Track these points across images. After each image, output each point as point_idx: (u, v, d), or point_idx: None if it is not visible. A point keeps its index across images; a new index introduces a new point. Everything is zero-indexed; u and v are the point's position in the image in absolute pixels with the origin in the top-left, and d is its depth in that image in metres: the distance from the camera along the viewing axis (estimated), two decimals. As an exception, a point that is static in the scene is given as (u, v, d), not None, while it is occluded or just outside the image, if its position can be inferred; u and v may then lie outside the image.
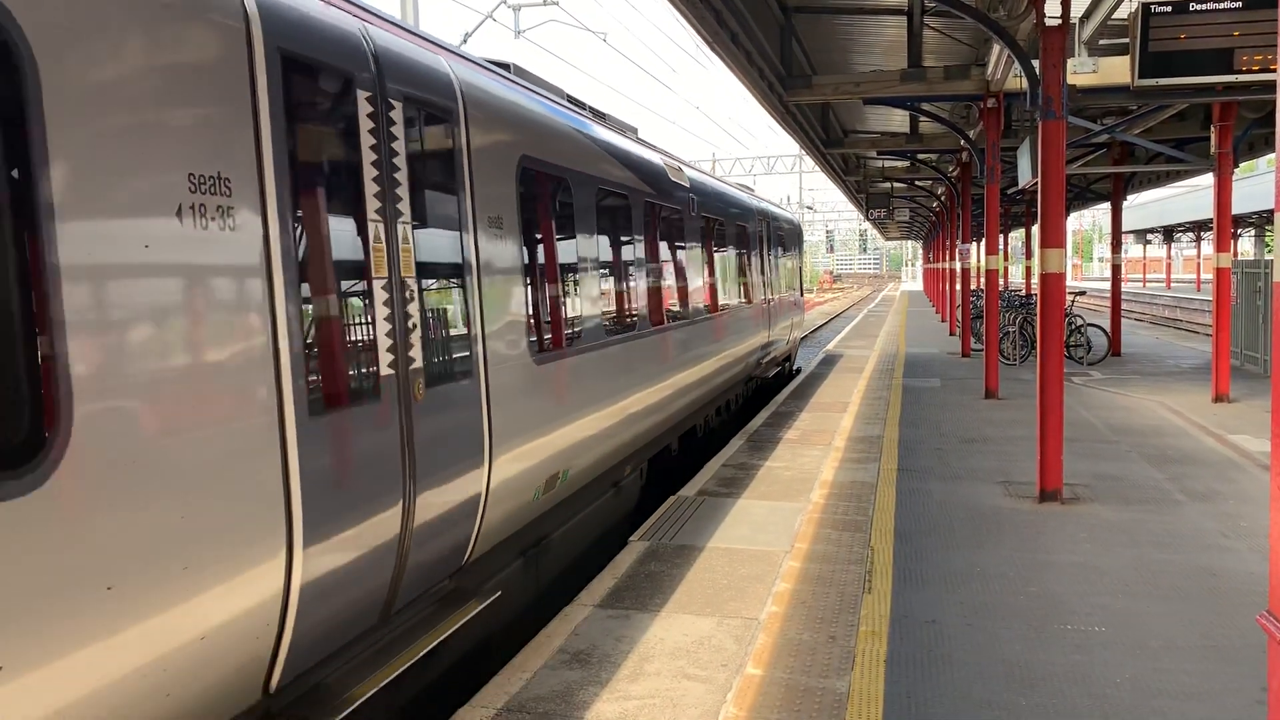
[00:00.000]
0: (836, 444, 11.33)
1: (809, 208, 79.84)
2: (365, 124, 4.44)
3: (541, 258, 6.65)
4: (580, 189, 7.38)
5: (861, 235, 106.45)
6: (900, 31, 13.30)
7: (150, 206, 3.18)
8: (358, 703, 4.12)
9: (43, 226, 2.78)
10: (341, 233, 4.26)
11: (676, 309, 10.37)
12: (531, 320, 6.30)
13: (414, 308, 4.77)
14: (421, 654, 4.68)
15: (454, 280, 5.29)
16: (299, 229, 3.95)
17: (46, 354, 2.78)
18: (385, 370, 4.48)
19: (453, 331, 5.23)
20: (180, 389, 3.26)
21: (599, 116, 8.62)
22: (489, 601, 5.41)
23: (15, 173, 2.74)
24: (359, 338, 4.35)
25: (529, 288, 6.30)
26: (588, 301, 7.47)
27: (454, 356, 5.21)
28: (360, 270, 4.38)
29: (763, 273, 16.00)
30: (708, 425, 12.92)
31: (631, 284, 8.81)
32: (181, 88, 3.36)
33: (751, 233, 15.06)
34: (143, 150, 3.17)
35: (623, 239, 8.60)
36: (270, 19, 3.81)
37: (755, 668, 5.09)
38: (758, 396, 17.34)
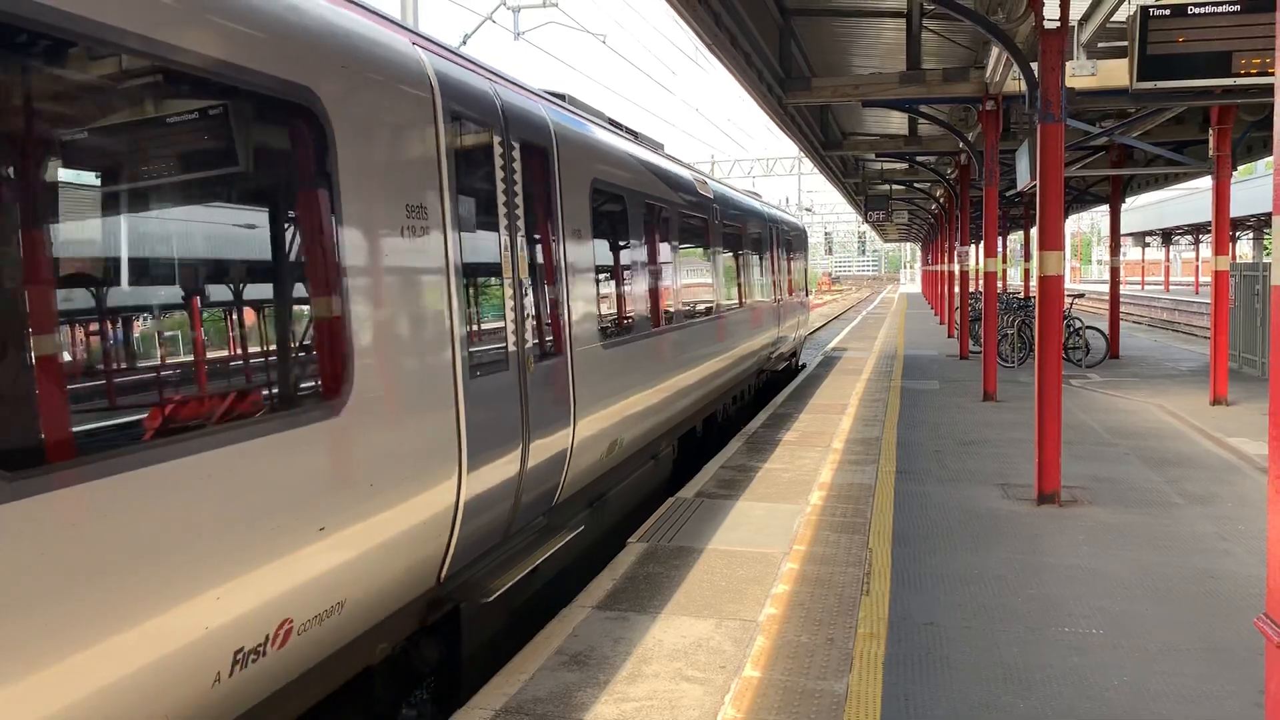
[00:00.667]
0: (835, 446, 11.34)
1: (808, 209, 79.86)
2: (497, 161, 5.78)
3: (605, 260, 8.01)
4: (632, 203, 8.75)
5: (860, 237, 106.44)
6: (899, 34, 13.31)
7: (389, 227, 4.52)
8: (494, 595, 5.50)
9: (340, 241, 4.14)
10: (487, 243, 5.60)
11: (703, 306, 11.63)
12: (600, 312, 7.63)
13: (528, 300, 6.06)
14: (531, 567, 5.99)
15: (550, 279, 6.64)
16: (462, 241, 5.22)
17: (344, 333, 4.14)
18: (511, 347, 5.80)
19: (549, 319, 6.56)
20: (402, 355, 4.60)
21: (634, 135, 9.82)
22: (575, 533, 6.89)
23: (321, 204, 4.09)
24: (495, 321, 5.69)
25: (598, 285, 7.64)
26: (637, 298, 8.94)
27: (550, 339, 6.55)
28: (496, 271, 5.72)
29: (773, 274, 17.24)
30: (725, 413, 14.14)
31: (669, 283, 10.11)
32: (401, 141, 4.68)
33: (763, 237, 16.26)
34: (385, 187, 4.52)
35: (662, 244, 9.92)
36: (443, 87, 5.13)
37: (753, 669, 5.09)
38: (767, 389, 18.35)
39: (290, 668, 3.95)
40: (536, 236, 6.38)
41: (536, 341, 6.19)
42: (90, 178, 3.18)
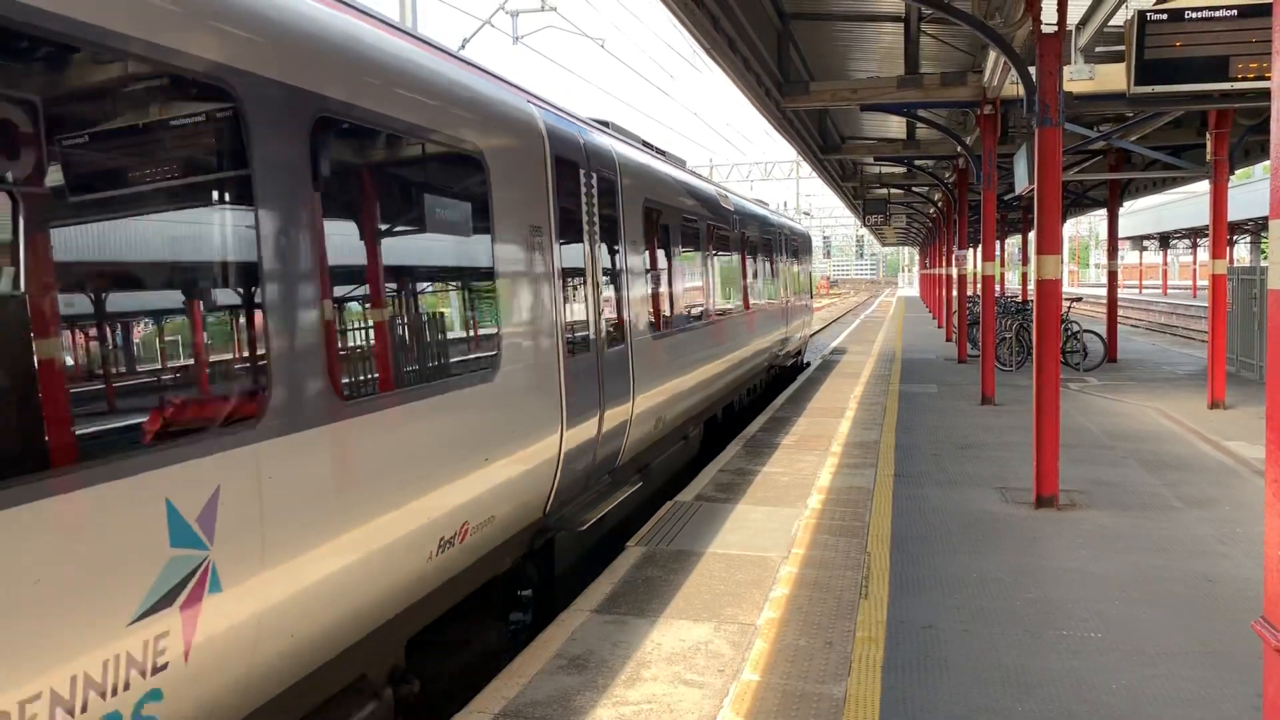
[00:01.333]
0: (833, 449, 11.34)
1: (806, 213, 79.93)
2: (582, 190, 7.47)
3: (653, 266, 9.59)
4: (672, 218, 10.37)
5: (858, 241, 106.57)
6: (897, 38, 13.34)
7: (520, 243, 6.15)
8: (586, 525, 7.19)
9: (495, 254, 5.77)
10: (575, 253, 7.25)
11: (726, 306, 13.27)
12: (650, 309, 9.28)
13: (602, 298, 7.77)
14: (607, 509, 7.68)
15: (615, 281, 8.27)
16: (561, 252, 6.86)
17: (498, 321, 5.77)
18: (591, 334, 7.42)
19: (615, 314, 8.15)
20: (529, 337, 6.20)
21: (661, 154, 11.24)
22: (635, 488, 8.66)
23: (479, 228, 5.61)
24: (580, 313, 7.25)
25: (648, 286, 9.32)
26: (677, 297, 10.51)
27: (616, 330, 8.12)
28: (581, 274, 7.36)
29: (782, 278, 18.95)
30: (740, 403, 15.74)
31: (700, 285, 11.73)
32: (526, 179, 6.34)
33: (773, 244, 17.89)
34: (518, 213, 6.15)
35: (694, 252, 11.52)
36: (550, 136, 6.80)
37: (752, 673, 5.09)
38: (776, 384, 19.91)
39: (464, 558, 5.51)
40: (606, 247, 8.05)
41: (608, 331, 7.89)
42: (389, 212, 4.94)
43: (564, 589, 7.27)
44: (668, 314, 10.02)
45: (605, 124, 9.21)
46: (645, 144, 10.52)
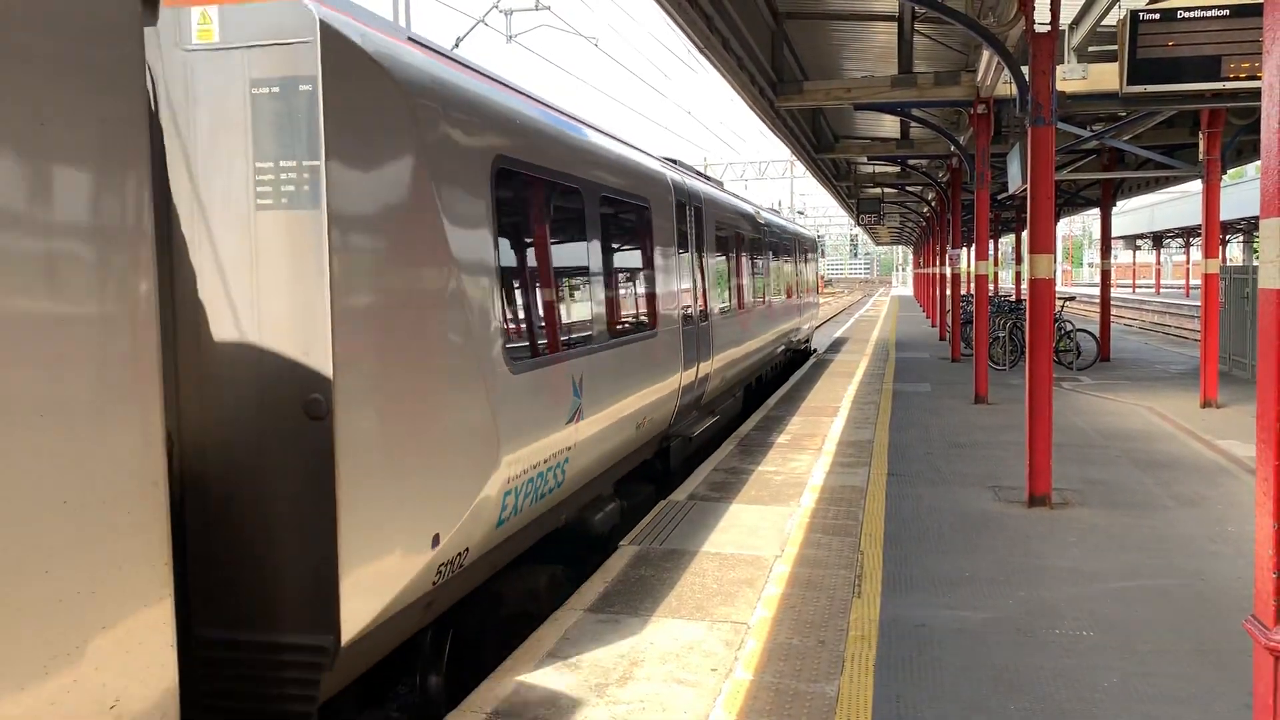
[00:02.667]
0: (827, 448, 11.35)
1: (800, 212, 79.99)
2: (689, 218, 11.07)
3: (718, 266, 12.77)
4: (727, 230, 13.59)
5: (852, 240, 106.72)
6: (891, 37, 13.35)
7: (666, 255, 9.87)
8: (694, 434, 11.02)
9: (652, 261, 9.42)
10: (686, 258, 10.80)
11: (762, 298, 16.71)
12: (718, 297, 12.53)
13: (696, 289, 11.21)
14: (707, 424, 11.76)
15: (702, 276, 11.63)
16: (680, 257, 10.43)
17: (654, 302, 9.44)
18: (693, 312, 10.92)
19: (701, 299, 11.49)
20: (670, 309, 9.80)
21: (708, 178, 14.49)
22: (715, 419, 12.42)
23: (652, 246, 9.43)
24: (686, 299, 10.64)
25: (716, 280, 12.56)
26: (732, 290, 13.78)
27: (702, 310, 11.47)
28: (689, 272, 10.93)
29: (796, 277, 22.39)
30: (765, 377, 18.91)
31: (745, 281, 14.96)
32: (669, 216, 10.05)
33: (790, 248, 21.34)
34: (662, 235, 9.78)
35: (743, 256, 14.91)
36: (675, 188, 10.40)
37: (745, 672, 5.09)
38: (788, 367, 23.15)
39: (640, 437, 8.97)
40: (697, 254, 11.50)
41: (704, 311, 11.54)
42: (628, 241, 8.97)
43: (675, 478, 10.59)
44: (727, 303, 13.28)
45: (674, 161, 12.13)
46: (699, 172, 13.79)
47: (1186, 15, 9.06)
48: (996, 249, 43.78)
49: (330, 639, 4.15)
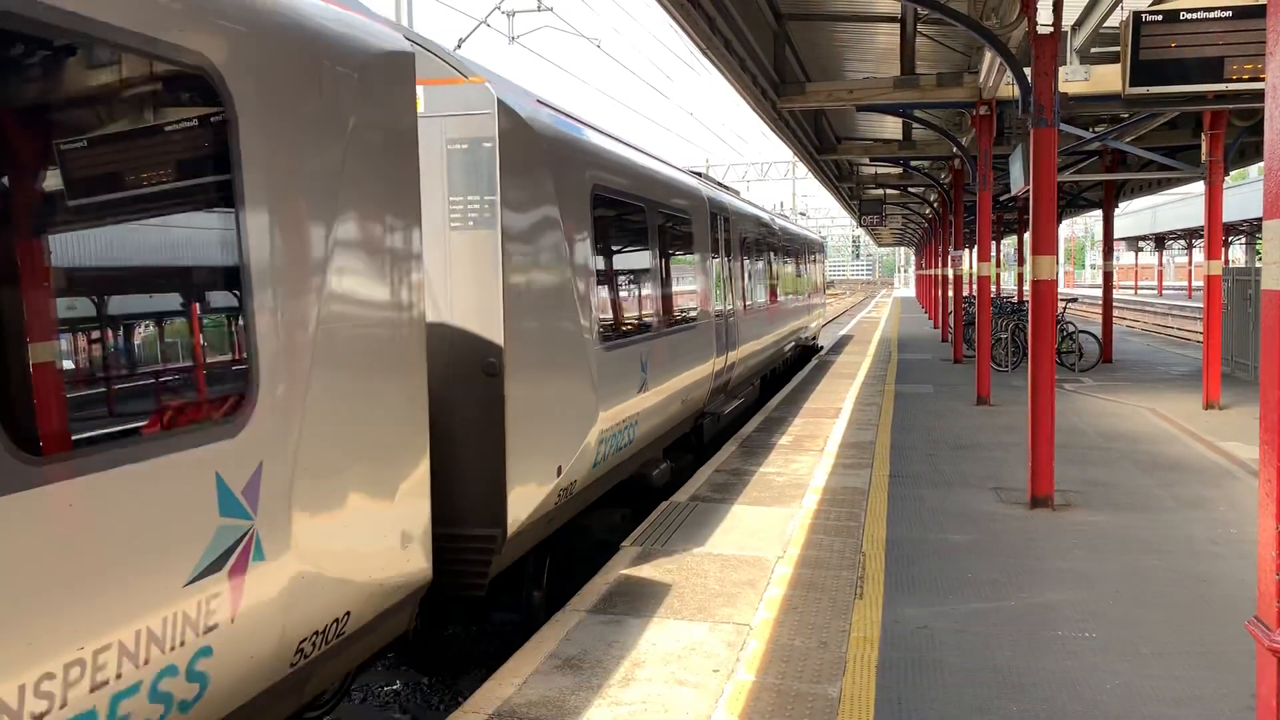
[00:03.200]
0: (829, 450, 11.35)
1: (802, 213, 79.98)
2: (720, 226, 12.74)
3: (743, 268, 14.52)
4: (748, 235, 15.20)
5: (854, 241, 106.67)
6: (893, 39, 13.34)
7: (702, 257, 11.67)
8: (724, 413, 13.10)
9: (698, 264, 11.56)
10: (716, 262, 12.38)
11: (778, 297, 18.56)
12: (740, 295, 14.05)
13: (725, 288, 12.76)
14: (734, 405, 13.89)
15: (730, 277, 13.27)
16: (713, 261, 12.21)
17: (709, 296, 11.94)
18: (721, 308, 12.46)
19: (729, 298, 13.14)
20: (704, 308, 11.52)
21: (727, 188, 15.89)
22: (740, 400, 14.43)
23: (690, 251, 11.34)
24: (721, 296, 12.43)
25: (742, 281, 14.30)
26: (752, 289, 15.27)
27: (731, 307, 13.16)
28: (718, 275, 12.42)
29: (805, 278, 24.39)
30: (778, 370, 20.58)
31: (763, 282, 16.71)
32: (704, 222, 11.78)
33: (800, 251, 23.15)
34: (700, 241, 11.56)
35: (762, 259, 16.65)
36: (710, 200, 12.21)
37: (747, 673, 5.09)
38: (797, 362, 24.91)
39: (684, 411, 10.49)
40: (725, 257, 13.13)
41: (729, 309, 13.08)
42: (671, 247, 10.45)
43: (708, 449, 12.33)
44: (747, 301, 14.79)
45: (699, 174, 13.51)
46: (720, 184, 15.54)
47: (1189, 17, 9.05)
48: (999, 250, 43.76)
49: (499, 531, 5.80)
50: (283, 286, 3.68)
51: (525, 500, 6.06)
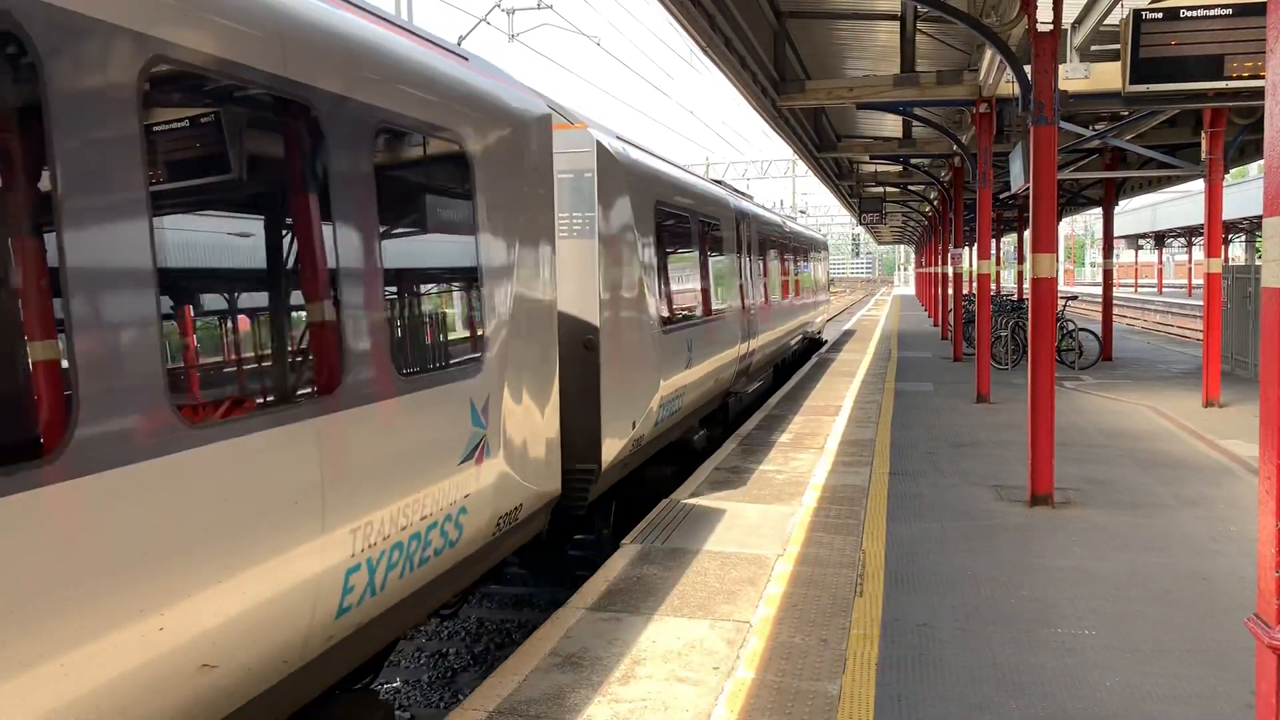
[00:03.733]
0: (829, 447, 11.35)
1: (802, 211, 79.86)
2: (742, 231, 14.86)
3: (760, 266, 16.28)
4: (763, 237, 17.08)
5: (854, 239, 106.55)
6: (893, 37, 13.33)
7: (732, 260, 13.86)
8: (747, 392, 15.45)
9: (733, 264, 13.98)
10: (741, 261, 14.54)
11: (790, 293, 20.91)
12: (757, 291, 15.80)
13: (746, 285, 14.79)
14: (755, 384, 16.52)
15: (750, 275, 15.20)
16: (740, 261, 14.56)
17: (745, 294, 14.76)
18: (743, 304, 14.40)
19: (749, 293, 14.90)
20: (734, 302, 13.73)
21: (740, 193, 17.24)
22: (762, 382, 17.44)
23: (722, 252, 13.34)
24: (743, 292, 14.43)
25: (762, 279, 16.41)
26: (767, 286, 17.19)
27: (750, 302, 14.85)
28: (743, 272, 14.62)
29: (813, 276, 26.95)
30: (785, 360, 22.42)
31: (777, 279, 18.80)
32: (732, 227, 14.00)
33: (807, 250, 25.54)
34: (728, 245, 13.65)
35: (775, 260, 18.68)
36: (737, 210, 14.55)
37: (747, 671, 5.09)
38: (805, 353, 27.56)
39: (717, 388, 12.55)
40: (747, 258, 14.97)
41: (750, 303, 14.84)
42: (711, 253, 12.57)
43: (734, 424, 14.48)
44: (764, 297, 16.66)
45: (719, 182, 15.38)
46: (738, 191, 17.18)
47: (1189, 14, 9.05)
48: (999, 248, 43.76)
49: (597, 467, 7.84)
50: (496, 280, 5.65)
51: (612, 445, 8.10)
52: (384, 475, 4.44)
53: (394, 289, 4.66)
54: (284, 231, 4.02)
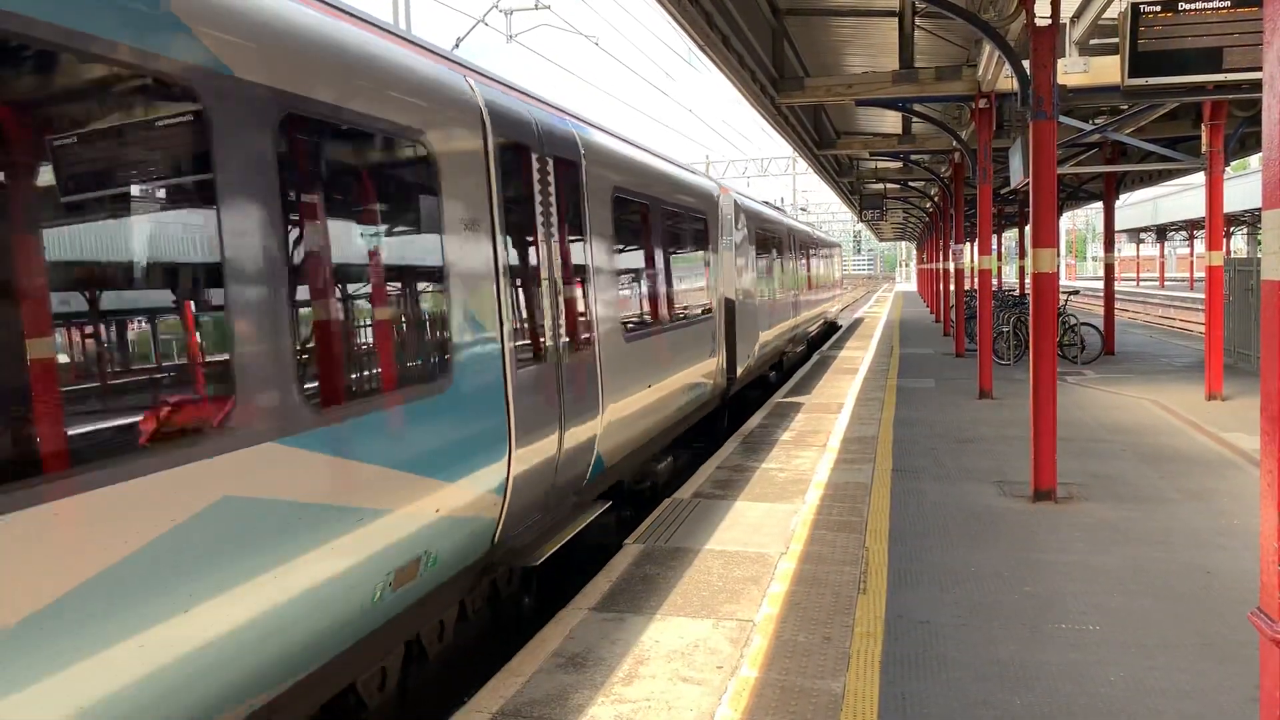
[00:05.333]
0: (831, 445, 11.34)
1: (803, 209, 79.81)
2: (790, 241, 21.80)
3: (808, 266, 25.00)
4: (803, 245, 23.95)
5: (855, 236, 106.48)
6: (892, 33, 13.32)
7: (788, 261, 21.34)
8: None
9: (771, 262, 18.62)
10: (794, 262, 22.40)
11: (812, 287, 25.69)
12: (801, 282, 23.41)
13: (793, 278, 21.96)
14: (797, 351, 23.93)
15: (794, 271, 22.42)
16: (794, 261, 22.57)
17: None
18: (795, 290, 22.38)
19: (798, 284, 23.14)
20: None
21: (782, 210, 22.23)
22: (803, 347, 25.65)
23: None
24: (792, 283, 21.77)
25: (800, 274, 23.71)
26: (805, 277, 24.05)
27: (796, 289, 22.42)
28: (793, 270, 21.97)
29: (829, 271, 32.06)
30: (810, 341, 27.39)
31: (811, 273, 25.11)
32: (789, 243, 21.95)
33: (831, 253, 30.64)
34: (788, 253, 21.31)
35: (790, 258, 21.23)
36: (789, 227, 21.99)
37: (751, 669, 5.09)
38: (821, 338, 31.91)
39: (778, 348, 19.02)
40: (795, 260, 21.76)
41: (796, 290, 21.78)
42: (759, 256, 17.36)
43: (788, 373, 19.52)
44: (805, 286, 21.27)
45: (777, 207, 20.04)
46: (778, 207, 22.24)
47: (1187, 7, 9.03)
48: (1000, 244, 43.73)
49: (735, 376, 13.57)
50: (711, 281, 12.61)
51: (740, 365, 13.42)
52: (677, 362, 10.08)
53: (677, 284, 10.59)
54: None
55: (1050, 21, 8.47)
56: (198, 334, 3.63)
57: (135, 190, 3.38)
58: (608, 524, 8.68)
